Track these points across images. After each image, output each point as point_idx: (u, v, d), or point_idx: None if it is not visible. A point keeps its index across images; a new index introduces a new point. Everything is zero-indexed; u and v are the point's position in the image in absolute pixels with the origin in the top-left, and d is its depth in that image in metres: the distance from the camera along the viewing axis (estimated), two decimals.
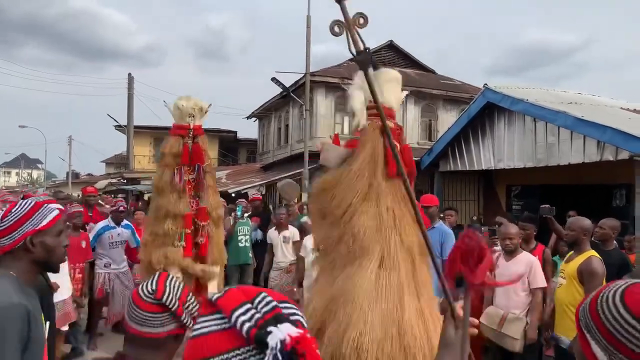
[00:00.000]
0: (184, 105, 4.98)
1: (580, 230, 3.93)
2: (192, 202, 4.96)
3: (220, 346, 0.72)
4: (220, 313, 0.74)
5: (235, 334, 0.72)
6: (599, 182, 7.87)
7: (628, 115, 7.58)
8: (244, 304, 0.74)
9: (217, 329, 0.73)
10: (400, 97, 2.67)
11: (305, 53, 15.15)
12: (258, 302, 0.74)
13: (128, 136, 23.56)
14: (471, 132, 8.85)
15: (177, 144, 4.96)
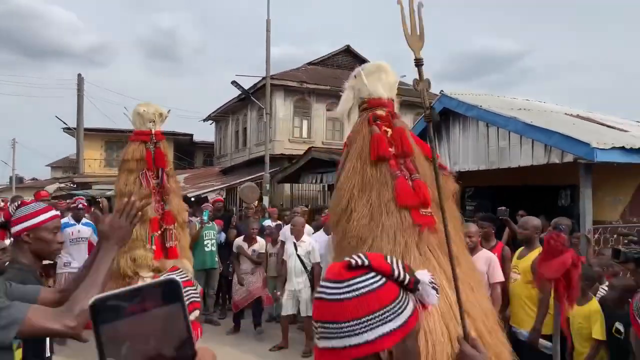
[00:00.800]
0: (145, 111, 5.10)
1: (533, 229, 4.25)
2: (158, 207, 5.03)
3: (384, 299, 0.86)
4: (372, 272, 0.88)
5: (391, 287, 0.88)
6: (546, 183, 8.39)
7: (572, 121, 8.14)
8: (390, 261, 0.91)
9: (377, 285, 0.87)
10: (391, 81, 2.70)
11: (264, 56, 15.18)
12: (392, 260, 0.91)
13: (78, 139, 22.70)
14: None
15: (139, 150, 5.06)
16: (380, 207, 2.34)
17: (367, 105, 2.62)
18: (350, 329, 0.84)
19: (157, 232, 4.96)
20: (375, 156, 2.44)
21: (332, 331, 0.85)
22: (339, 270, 0.88)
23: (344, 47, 23.21)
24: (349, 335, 0.84)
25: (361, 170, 2.44)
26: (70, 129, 24.30)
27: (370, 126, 2.52)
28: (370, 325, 0.84)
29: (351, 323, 0.84)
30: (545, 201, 8.34)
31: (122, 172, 5.15)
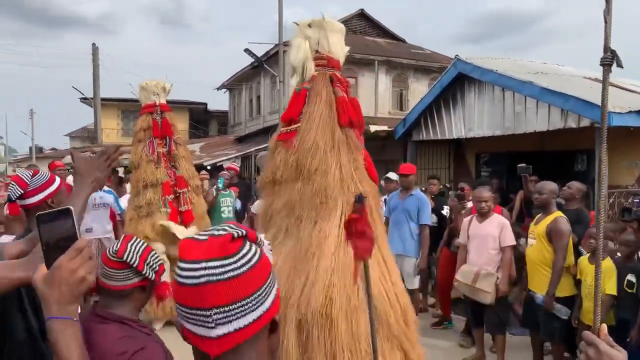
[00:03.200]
0: (147, 84, 5.44)
1: (550, 193, 4.29)
2: (170, 172, 5.32)
3: (269, 264, 0.82)
4: (247, 242, 0.80)
5: (263, 252, 0.82)
6: (562, 148, 8.31)
7: (590, 85, 7.98)
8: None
9: (260, 253, 0.81)
10: (346, 49, 2.65)
11: (277, 22, 15.00)
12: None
13: (95, 109, 22.93)
14: (443, 102, 9.13)
15: (146, 120, 5.41)
16: (351, 170, 2.37)
17: (326, 62, 2.51)
18: (249, 305, 0.77)
19: (170, 196, 5.19)
20: (345, 121, 2.45)
21: (231, 312, 0.76)
22: (223, 244, 0.77)
23: (358, 11, 22.75)
24: (248, 312, 0.77)
25: (331, 130, 2.40)
26: (87, 99, 24.53)
27: (334, 87, 2.46)
28: (265, 296, 0.79)
29: (249, 299, 0.77)
30: (561, 166, 8.28)
31: (134, 144, 5.48)
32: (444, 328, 5.74)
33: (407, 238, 5.24)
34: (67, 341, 0.94)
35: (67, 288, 0.95)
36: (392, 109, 20.26)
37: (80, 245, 0.98)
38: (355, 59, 19.69)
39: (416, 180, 8.00)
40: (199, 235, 0.80)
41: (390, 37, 23.24)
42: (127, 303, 1.60)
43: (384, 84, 20.31)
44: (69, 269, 0.95)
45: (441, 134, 9.28)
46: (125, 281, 1.59)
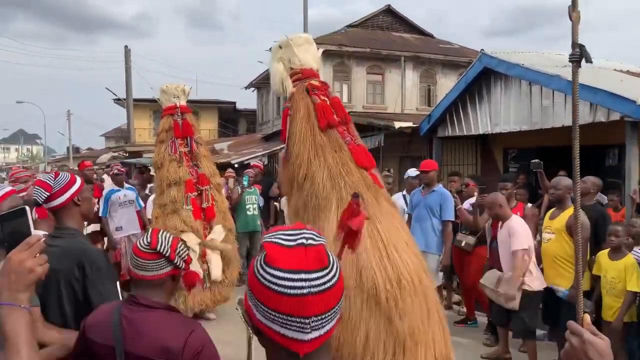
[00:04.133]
0: (167, 87, 5.68)
1: (565, 189, 4.23)
2: (192, 171, 5.52)
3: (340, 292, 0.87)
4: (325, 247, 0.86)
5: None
6: (591, 142, 8.08)
7: (620, 77, 7.73)
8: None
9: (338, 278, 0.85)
10: (317, 54, 2.78)
11: (302, 21, 15.08)
12: None
13: (128, 110, 23.60)
14: (468, 97, 9.01)
15: (168, 122, 5.64)
16: (338, 168, 2.49)
17: (300, 76, 2.66)
18: (340, 305, 0.86)
19: (192, 193, 5.38)
20: (324, 124, 2.57)
21: (326, 319, 0.83)
22: (320, 256, 0.83)
23: (385, 7, 22.59)
24: (338, 313, 0.86)
25: (312, 138, 2.55)
26: (120, 99, 25.26)
27: (311, 96, 2.60)
28: (343, 297, 0.87)
29: (339, 303, 0.86)
30: (591, 161, 8.06)
31: (156, 145, 5.72)
32: (467, 326, 5.72)
33: (429, 234, 5.22)
34: (14, 325, 1.00)
35: (15, 277, 1.03)
36: (420, 105, 20.06)
37: (31, 240, 1.07)
38: (381, 55, 19.61)
39: (440, 176, 7.97)
40: (283, 240, 0.85)
41: (418, 33, 22.99)
42: (160, 292, 1.69)
43: (411, 80, 20.14)
44: (18, 260, 1.04)
45: (467, 129, 9.17)
46: (158, 271, 1.68)
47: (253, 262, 0.87)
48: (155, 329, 1.59)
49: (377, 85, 20.30)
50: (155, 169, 5.77)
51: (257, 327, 0.85)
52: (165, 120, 5.69)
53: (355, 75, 19.74)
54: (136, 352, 1.56)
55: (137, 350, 1.56)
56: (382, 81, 20.27)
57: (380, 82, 20.27)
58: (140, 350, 1.55)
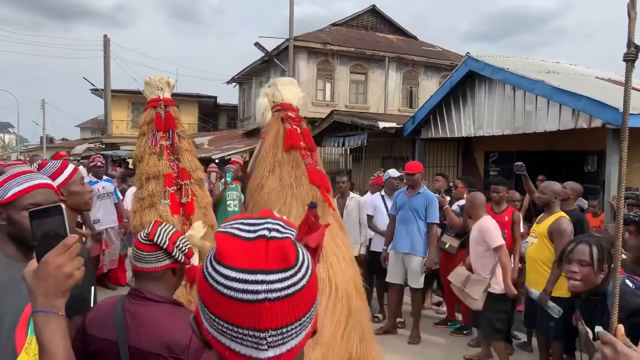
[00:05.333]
0: (151, 79, 5.53)
1: (552, 194, 4.26)
2: (172, 165, 5.39)
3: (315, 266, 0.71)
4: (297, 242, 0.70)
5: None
6: (572, 148, 8.22)
7: (602, 85, 7.87)
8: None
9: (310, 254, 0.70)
10: (299, 94, 3.25)
11: (287, 17, 14.97)
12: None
13: (105, 100, 23.07)
14: (452, 99, 9.06)
15: (150, 114, 5.48)
16: (290, 180, 2.89)
17: (280, 107, 3.12)
18: (307, 321, 0.67)
19: (171, 188, 5.26)
20: (289, 145, 2.99)
21: (288, 333, 0.65)
22: (285, 252, 0.65)
23: (370, 7, 22.65)
24: (304, 329, 0.67)
25: (274, 155, 2.99)
26: (98, 90, 24.70)
27: (284, 123, 3.04)
28: (315, 306, 0.69)
29: (307, 315, 0.67)
30: (571, 167, 8.20)
31: (138, 138, 5.57)
32: (447, 327, 5.73)
33: (415, 236, 5.21)
34: (50, 334, 0.94)
35: (53, 282, 0.95)
36: (402, 106, 20.17)
37: (68, 242, 0.98)
38: (366, 55, 19.63)
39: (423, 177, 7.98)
40: (240, 230, 0.67)
41: (402, 34, 23.11)
42: (160, 285, 1.66)
43: (394, 81, 20.23)
44: (56, 264, 0.96)
45: (450, 132, 9.23)
46: (157, 263, 1.65)
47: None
48: (160, 323, 1.56)
49: (360, 85, 20.32)
50: (136, 162, 5.62)
51: (206, 338, 0.68)
52: (148, 113, 5.54)
53: (339, 74, 19.72)
54: (140, 346, 1.53)
55: (141, 345, 1.53)
56: (366, 81, 20.30)
57: (363, 82, 20.30)
58: (145, 344, 1.53)
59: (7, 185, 1.47)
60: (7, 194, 1.45)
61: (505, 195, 5.02)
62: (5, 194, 1.46)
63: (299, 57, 18.38)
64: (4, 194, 1.46)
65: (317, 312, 0.71)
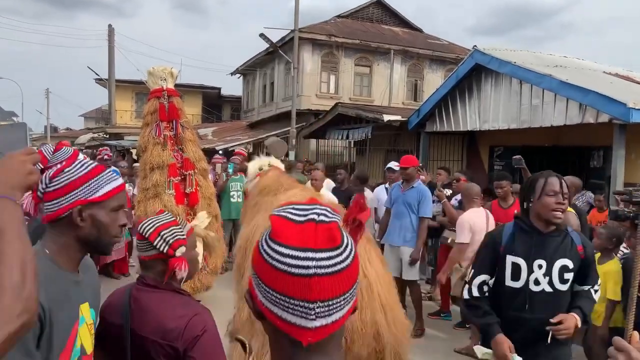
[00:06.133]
0: (155, 69, 5.55)
1: None
2: (176, 155, 5.39)
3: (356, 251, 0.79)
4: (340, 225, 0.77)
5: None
6: (578, 143, 8.17)
7: (610, 79, 7.80)
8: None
9: (352, 239, 0.79)
10: (282, 154, 3.95)
11: (292, 8, 14.88)
12: None
13: (110, 90, 23.08)
14: (458, 93, 9.00)
15: (153, 104, 5.49)
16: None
17: (268, 168, 4.15)
18: (351, 294, 0.76)
19: (175, 178, 5.26)
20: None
21: (336, 305, 0.73)
22: (331, 234, 0.74)
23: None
24: (350, 300, 0.76)
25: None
26: (102, 80, 24.68)
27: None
28: (357, 285, 0.78)
29: (351, 290, 0.75)
30: (577, 162, 8.15)
31: (142, 128, 5.61)
32: (440, 318, 5.74)
33: (408, 230, 5.20)
34: (8, 216, 0.96)
35: (15, 174, 1.02)
36: (406, 99, 20.07)
37: (31, 149, 1.10)
38: (371, 47, 19.52)
39: (426, 170, 7.94)
40: (292, 214, 0.76)
41: (407, 27, 22.95)
42: (154, 273, 1.67)
43: (399, 74, 20.11)
44: (21, 159, 1.04)
45: (455, 125, 9.18)
46: (145, 252, 1.66)
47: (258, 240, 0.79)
48: (159, 310, 1.58)
49: (364, 77, 20.23)
50: (140, 152, 5.62)
51: (260, 309, 0.77)
52: (152, 103, 5.54)
53: (344, 66, 19.62)
54: (140, 331, 1.55)
55: (140, 330, 1.55)
56: (370, 73, 20.20)
57: (367, 74, 20.19)
58: (143, 330, 1.55)
59: (98, 180, 1.30)
60: (98, 191, 1.29)
61: (510, 189, 5.00)
62: (97, 190, 1.29)
63: (303, 48, 18.29)
64: (95, 191, 1.28)
65: (357, 291, 0.78)
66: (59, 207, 1.26)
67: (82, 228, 1.28)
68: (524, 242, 2.31)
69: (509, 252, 2.33)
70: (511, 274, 2.31)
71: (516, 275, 2.31)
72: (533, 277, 2.29)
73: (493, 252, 2.39)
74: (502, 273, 2.34)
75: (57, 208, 1.26)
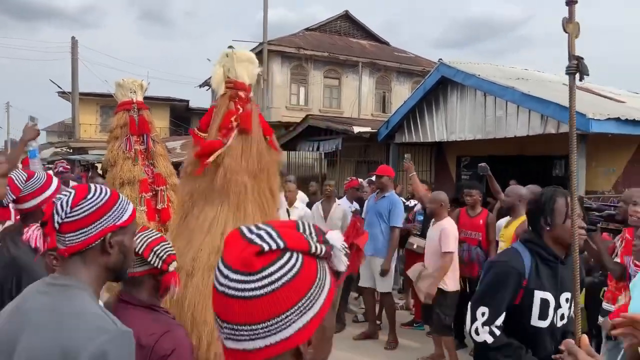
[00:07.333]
0: (124, 81, 5.41)
1: (516, 197, 4.38)
2: (147, 170, 5.27)
3: (303, 287, 0.72)
4: (287, 253, 0.72)
5: (309, 266, 0.73)
6: (541, 153, 8.45)
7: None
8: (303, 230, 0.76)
9: (295, 271, 0.71)
10: (254, 72, 3.23)
11: (260, 20, 14.93)
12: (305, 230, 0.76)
13: (73, 104, 22.47)
14: (426, 105, 9.19)
15: (123, 118, 5.34)
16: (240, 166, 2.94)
17: (232, 85, 3.17)
18: (266, 329, 0.70)
19: (147, 194, 5.15)
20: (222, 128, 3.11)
21: (243, 333, 0.70)
22: (248, 258, 0.70)
23: (343, 12, 22.81)
24: (265, 336, 0.70)
25: (224, 139, 2.99)
26: (65, 93, 24.03)
27: (229, 103, 3.11)
28: (289, 321, 0.70)
29: (267, 323, 0.69)
30: (540, 171, 8.41)
31: (110, 142, 5.42)
32: (413, 328, 5.79)
33: (378, 239, 5.24)
34: None
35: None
36: (375, 111, 20.34)
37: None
38: (339, 60, 19.73)
39: (396, 182, 8.05)
40: (249, 232, 0.73)
41: (374, 40, 23.34)
42: (142, 289, 1.68)
43: (367, 86, 20.39)
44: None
45: (423, 136, 9.35)
46: (136, 268, 1.65)
47: None
48: (132, 325, 1.55)
49: (334, 89, 20.40)
50: (107, 166, 5.45)
51: None
52: (121, 116, 5.39)
53: (313, 78, 19.75)
54: None
55: None
56: (339, 85, 20.40)
57: (337, 86, 20.38)
58: None
59: (121, 204, 1.24)
60: (124, 216, 1.24)
61: (479, 198, 5.11)
62: (122, 215, 1.23)
63: (273, 61, 18.34)
64: (121, 215, 1.23)
65: (300, 331, 0.71)
66: (87, 237, 1.17)
67: (111, 256, 1.22)
68: (547, 273, 2.01)
69: (537, 286, 1.99)
70: (539, 313, 1.98)
71: (544, 314, 1.99)
72: (560, 312, 2.03)
73: (516, 286, 2.00)
74: (528, 311, 1.99)
75: (84, 238, 1.17)
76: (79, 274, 1.17)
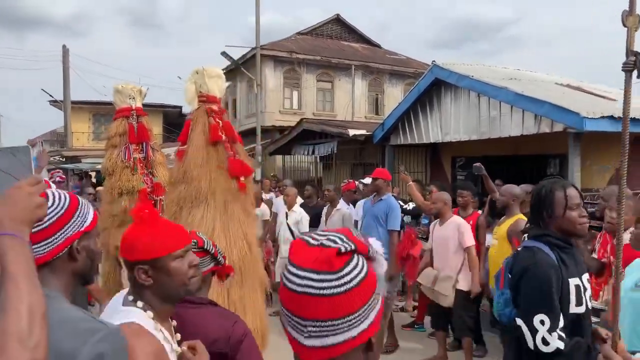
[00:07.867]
0: (123, 87, 5.30)
1: (510, 196, 4.40)
2: (146, 180, 5.14)
3: (372, 285, 0.80)
4: (356, 256, 0.80)
5: (371, 269, 0.81)
6: (535, 152, 8.50)
7: (562, 90, 8.19)
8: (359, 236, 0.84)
9: (365, 272, 0.79)
10: (223, 86, 3.52)
11: (252, 25, 14.93)
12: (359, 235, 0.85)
13: (65, 112, 22.33)
14: (420, 106, 9.23)
15: (122, 125, 5.20)
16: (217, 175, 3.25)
17: (205, 99, 3.42)
18: (347, 324, 0.77)
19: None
20: (212, 140, 3.34)
21: (326, 329, 0.76)
22: (329, 258, 0.76)
23: (334, 16, 22.87)
24: (344, 331, 0.77)
25: (204, 149, 3.30)
26: (57, 101, 23.89)
27: (208, 117, 3.36)
28: (365, 316, 0.78)
29: (348, 318, 0.77)
30: (534, 170, 8.46)
31: (107, 149, 5.29)
32: (413, 330, 5.78)
33: None
34: (14, 256, 0.89)
35: (22, 207, 0.95)
36: (368, 113, 20.38)
37: (39, 177, 1.03)
38: (332, 63, 19.78)
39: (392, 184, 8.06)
40: (312, 239, 0.81)
41: (366, 42, 23.41)
42: (205, 288, 1.82)
43: (360, 89, 20.44)
44: (29, 191, 0.97)
45: (418, 138, 9.38)
46: (205, 267, 1.80)
47: None
48: (203, 324, 1.71)
49: (327, 93, 20.44)
50: (105, 175, 5.32)
51: None
52: (119, 123, 5.23)
53: (306, 82, 19.77)
54: None
55: None
56: (332, 89, 20.43)
57: (330, 90, 20.42)
58: None
59: (82, 209, 1.22)
60: (87, 220, 1.22)
61: (470, 200, 5.12)
62: (85, 220, 1.22)
63: (265, 65, 18.33)
64: (84, 220, 1.21)
65: (372, 323, 0.80)
66: (53, 246, 1.16)
67: (78, 262, 1.20)
68: (568, 260, 2.03)
69: (568, 275, 1.99)
70: (576, 300, 1.99)
71: (580, 300, 1.99)
72: (587, 294, 2.03)
73: (558, 281, 1.97)
74: (566, 301, 1.99)
75: (50, 248, 1.15)
76: (50, 284, 1.15)
